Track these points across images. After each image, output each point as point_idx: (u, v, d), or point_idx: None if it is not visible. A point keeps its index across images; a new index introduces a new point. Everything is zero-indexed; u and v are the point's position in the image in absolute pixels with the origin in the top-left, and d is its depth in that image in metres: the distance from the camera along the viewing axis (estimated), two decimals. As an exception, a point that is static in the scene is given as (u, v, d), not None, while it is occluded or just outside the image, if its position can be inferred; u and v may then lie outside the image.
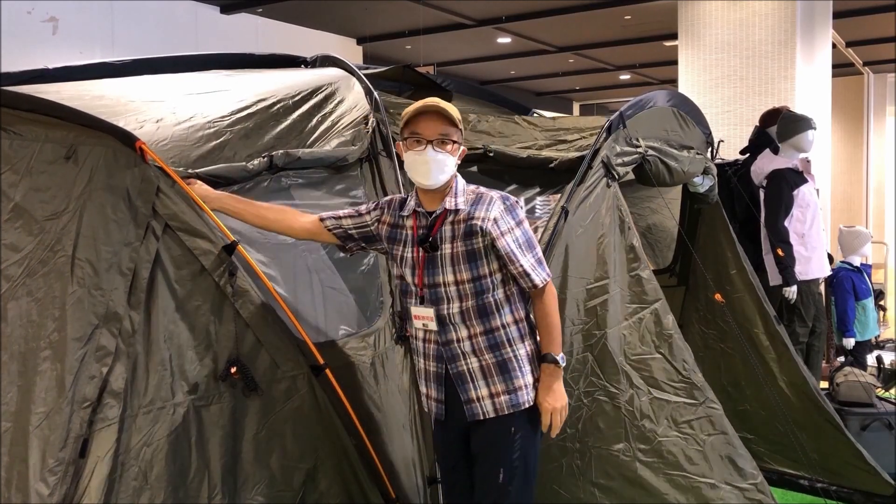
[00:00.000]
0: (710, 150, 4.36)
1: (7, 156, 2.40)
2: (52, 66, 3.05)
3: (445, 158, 2.46)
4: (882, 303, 7.84)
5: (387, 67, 4.04)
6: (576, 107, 19.51)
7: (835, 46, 9.42)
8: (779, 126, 5.26)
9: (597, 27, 11.39)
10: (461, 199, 2.49)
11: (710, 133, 4.32)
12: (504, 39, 12.06)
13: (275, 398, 2.48)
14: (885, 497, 4.08)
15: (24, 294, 2.24)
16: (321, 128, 3.06)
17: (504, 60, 13.80)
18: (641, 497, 3.11)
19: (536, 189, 3.69)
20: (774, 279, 5.08)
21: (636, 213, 5.03)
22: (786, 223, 5.06)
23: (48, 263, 2.24)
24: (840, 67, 11.59)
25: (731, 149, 6.06)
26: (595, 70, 14.97)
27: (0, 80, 2.76)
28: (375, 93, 3.30)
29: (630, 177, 3.64)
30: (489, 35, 11.72)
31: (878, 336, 6.85)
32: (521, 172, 3.65)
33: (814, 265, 5.14)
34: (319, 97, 3.17)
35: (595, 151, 3.37)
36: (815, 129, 5.24)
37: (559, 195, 3.36)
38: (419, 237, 2.50)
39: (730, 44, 7.96)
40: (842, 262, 5.89)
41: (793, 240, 5.05)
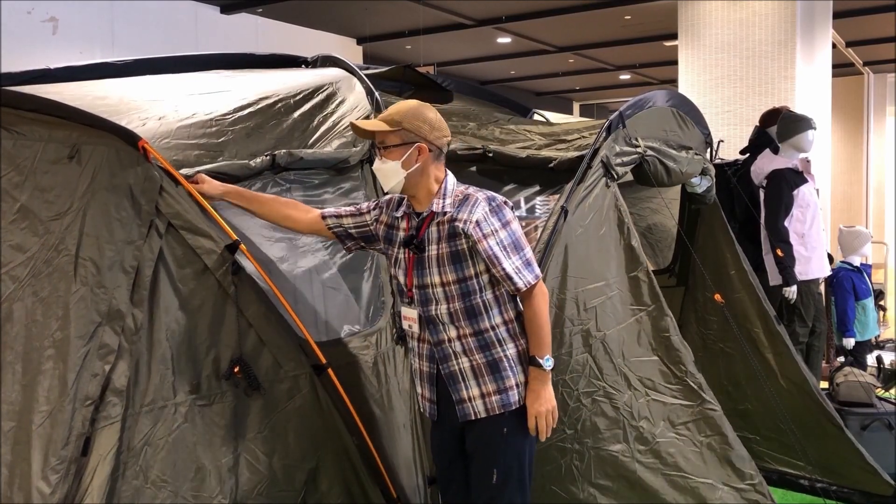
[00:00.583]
0: (710, 151, 4.37)
1: (11, 156, 2.40)
2: (54, 67, 3.06)
3: (386, 166, 2.48)
4: (882, 303, 7.84)
5: (387, 67, 4.04)
6: (576, 107, 19.50)
7: (835, 46, 9.42)
8: (779, 126, 5.27)
9: (597, 27, 11.39)
10: (448, 201, 2.49)
11: (709, 133, 4.33)
12: (504, 39, 12.05)
13: (277, 398, 2.49)
14: (885, 497, 4.09)
15: (30, 294, 2.24)
16: (323, 128, 3.07)
17: (504, 60, 13.80)
18: (640, 498, 3.12)
19: (536, 189, 3.70)
20: (774, 279, 5.08)
21: (636, 214, 5.04)
22: (786, 223, 5.06)
23: (52, 263, 2.25)
24: (840, 67, 11.59)
25: (731, 149, 6.07)
26: (595, 70, 14.97)
27: (2, 81, 2.76)
28: (377, 93, 3.30)
29: (629, 177, 3.65)
30: (489, 35, 11.72)
31: (878, 336, 6.85)
32: (521, 172, 3.66)
33: (814, 265, 5.15)
34: (321, 97, 3.18)
35: (594, 151, 3.37)
36: (815, 129, 5.24)
37: (558, 195, 3.36)
38: (404, 239, 2.54)
39: (730, 44, 7.96)
40: (842, 262, 5.90)
41: (793, 240, 5.06)
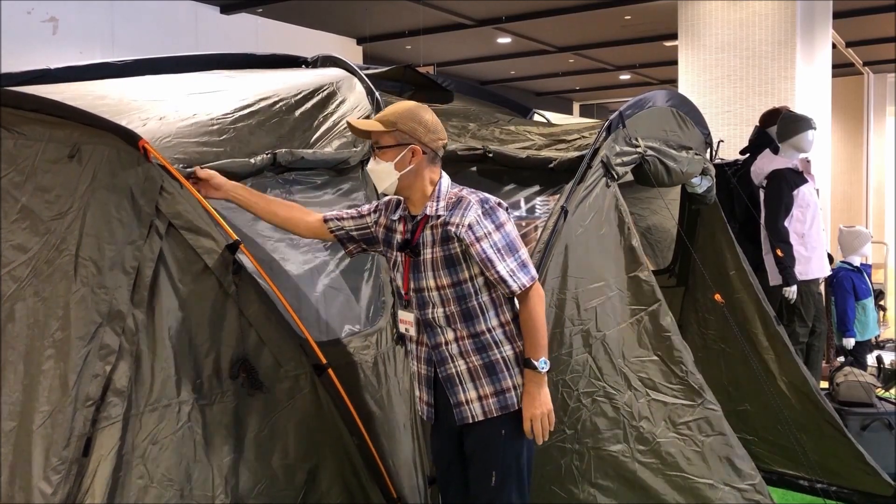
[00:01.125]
0: (710, 151, 4.37)
1: (11, 156, 2.41)
2: (55, 67, 3.06)
3: (380, 167, 2.49)
4: (882, 303, 7.85)
5: (387, 67, 4.05)
6: (576, 107, 19.50)
7: (835, 46, 9.43)
8: (779, 126, 5.27)
9: (597, 27, 11.39)
10: (441, 204, 2.49)
11: (709, 133, 4.33)
12: (504, 39, 12.06)
13: (277, 397, 2.49)
14: (885, 497, 4.09)
15: (31, 294, 2.25)
16: (323, 128, 3.07)
17: (504, 60, 13.80)
18: (640, 498, 3.12)
19: (536, 189, 3.70)
20: (774, 279, 5.08)
21: (636, 214, 5.04)
22: (786, 223, 5.06)
23: (53, 263, 2.25)
24: (840, 67, 11.60)
25: (731, 149, 6.07)
26: (595, 70, 14.97)
27: (2, 81, 2.76)
28: (377, 93, 3.30)
29: (629, 177, 3.65)
30: (489, 35, 11.72)
31: (878, 336, 6.86)
32: (521, 172, 3.66)
33: (814, 265, 5.15)
34: (321, 97, 3.18)
35: (594, 151, 3.37)
36: (815, 129, 5.24)
37: (558, 195, 3.36)
38: (400, 243, 2.54)
39: (730, 44, 7.97)
40: (842, 262, 5.90)
41: (793, 240, 5.06)
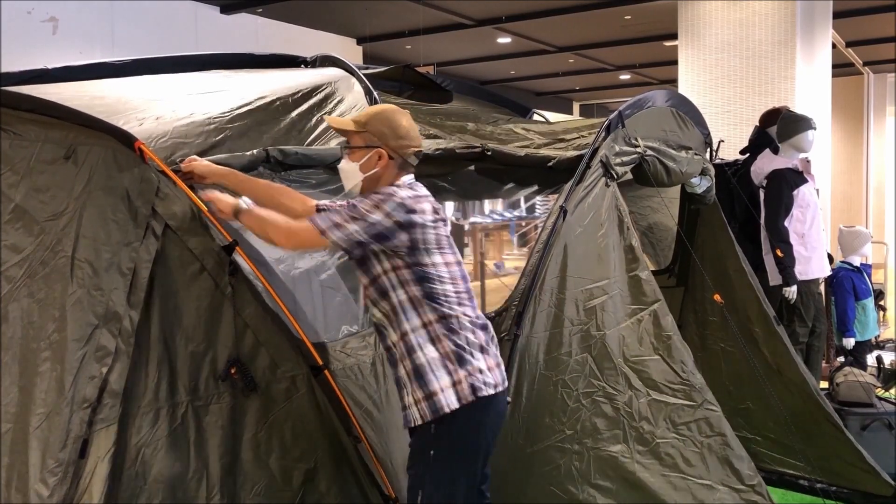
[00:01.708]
0: (709, 151, 4.36)
1: (7, 156, 2.40)
2: (53, 66, 3.05)
3: (348, 166, 2.54)
4: (882, 303, 7.82)
5: (387, 67, 4.04)
6: (576, 107, 19.50)
7: (835, 46, 9.41)
8: (779, 126, 5.26)
9: (597, 27, 11.38)
10: None
11: (709, 133, 4.33)
12: (504, 39, 12.05)
13: (274, 398, 2.48)
14: (885, 497, 4.08)
15: (25, 295, 2.24)
16: (320, 127, 3.06)
17: (504, 60, 13.78)
18: (640, 498, 3.11)
19: (534, 188, 3.70)
20: (774, 279, 5.08)
21: (636, 213, 5.03)
22: (786, 223, 5.06)
23: (49, 264, 2.25)
24: (840, 67, 11.58)
25: (731, 149, 6.06)
26: (595, 70, 14.96)
27: (0, 80, 2.76)
28: (375, 93, 3.30)
29: (628, 177, 3.64)
30: (489, 35, 11.71)
31: (878, 336, 6.84)
32: (519, 171, 3.66)
33: (814, 265, 5.14)
34: (319, 96, 3.17)
35: (594, 151, 3.37)
36: (815, 129, 5.23)
37: (557, 194, 3.36)
38: None
39: (730, 44, 7.96)
40: (842, 262, 5.89)
41: (793, 240, 5.05)
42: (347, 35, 11.71)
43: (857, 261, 5.88)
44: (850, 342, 5.68)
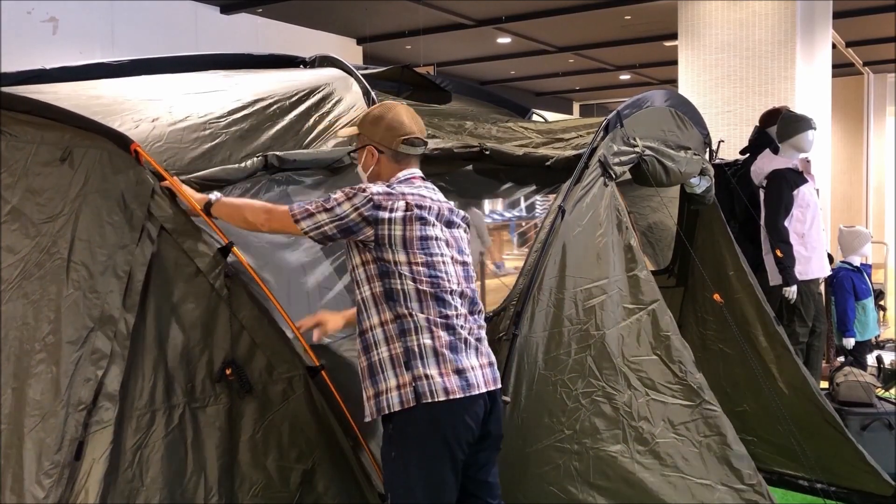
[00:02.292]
0: (709, 151, 4.35)
1: (3, 158, 2.40)
2: (51, 67, 3.05)
3: (357, 169, 2.65)
4: (882, 303, 7.82)
5: (385, 68, 4.04)
6: (576, 107, 19.50)
7: (835, 46, 9.41)
8: (779, 126, 5.25)
9: (597, 27, 11.38)
10: None
11: (708, 134, 4.32)
12: (504, 39, 12.05)
13: (271, 400, 2.48)
14: (885, 497, 4.08)
15: (20, 296, 2.24)
16: (318, 128, 3.06)
17: (504, 60, 13.79)
18: (639, 498, 3.10)
19: (533, 187, 3.69)
20: (774, 279, 5.07)
21: (635, 213, 5.03)
22: (786, 223, 5.05)
23: (44, 266, 2.24)
24: (840, 67, 11.58)
25: (731, 149, 6.06)
26: (595, 70, 14.96)
27: (-2, 81, 2.76)
28: (373, 93, 3.30)
29: (627, 177, 3.64)
30: (489, 35, 11.72)
31: (878, 336, 6.84)
32: (518, 171, 3.65)
33: (814, 265, 5.13)
34: (317, 97, 3.17)
35: (592, 150, 3.36)
36: (815, 129, 5.23)
37: (556, 194, 3.35)
38: None
39: (730, 44, 7.95)
40: (842, 262, 5.88)
41: (793, 240, 5.04)
42: (347, 35, 11.72)
43: (857, 261, 5.87)
44: (850, 342, 5.68)
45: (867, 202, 13.21)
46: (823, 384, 4.82)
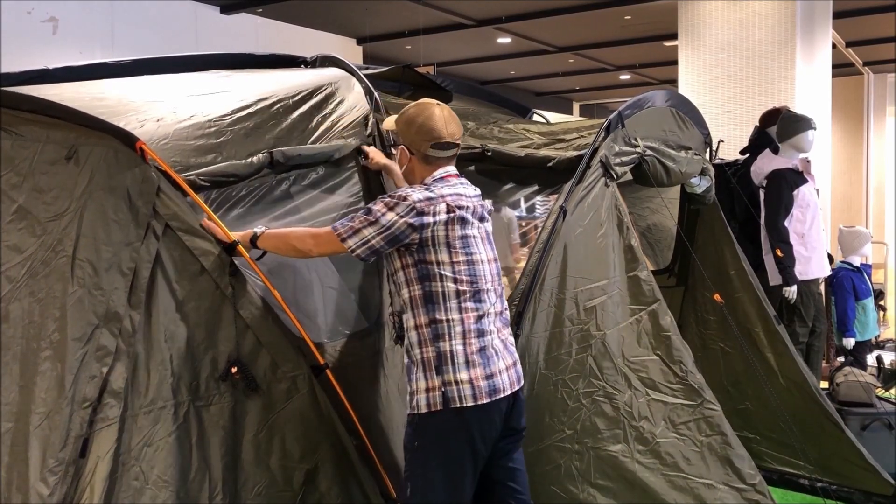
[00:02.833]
0: (709, 151, 4.36)
1: (9, 157, 2.41)
2: (53, 67, 3.05)
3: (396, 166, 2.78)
4: (882, 303, 7.83)
5: (386, 68, 4.04)
6: (576, 107, 19.50)
7: (835, 46, 9.42)
8: (779, 126, 5.26)
9: (597, 27, 11.39)
10: None
11: (709, 133, 4.32)
12: (504, 39, 12.05)
13: (275, 398, 2.48)
14: (885, 497, 4.08)
15: (27, 295, 2.25)
16: (321, 128, 3.06)
17: (504, 60, 13.79)
18: (640, 498, 3.11)
19: (534, 188, 3.70)
20: (774, 279, 5.08)
21: (636, 214, 5.04)
22: (786, 223, 5.06)
23: (49, 264, 2.25)
24: (840, 67, 11.59)
25: (731, 149, 6.06)
26: (595, 70, 14.97)
27: (0, 81, 2.76)
28: (376, 93, 3.30)
29: (628, 177, 3.64)
30: (489, 35, 11.72)
31: (878, 336, 6.85)
32: (519, 171, 3.66)
33: (814, 265, 5.14)
34: (319, 97, 3.17)
35: (593, 151, 3.37)
36: (815, 129, 5.24)
37: (557, 194, 3.36)
38: None
39: (730, 44, 7.96)
40: (842, 262, 5.89)
41: (793, 240, 5.05)
42: (347, 35, 11.72)
43: (857, 261, 5.88)
44: (850, 342, 5.68)
45: (867, 202, 13.22)
46: (823, 384, 4.82)
